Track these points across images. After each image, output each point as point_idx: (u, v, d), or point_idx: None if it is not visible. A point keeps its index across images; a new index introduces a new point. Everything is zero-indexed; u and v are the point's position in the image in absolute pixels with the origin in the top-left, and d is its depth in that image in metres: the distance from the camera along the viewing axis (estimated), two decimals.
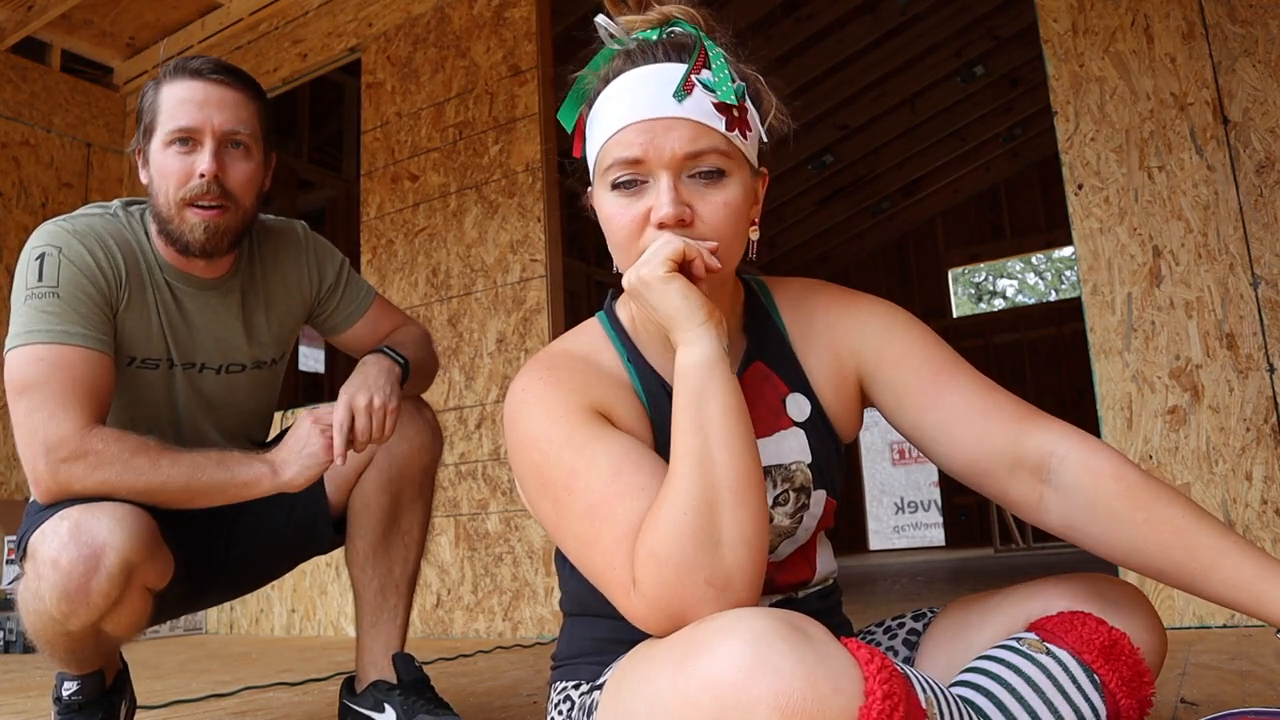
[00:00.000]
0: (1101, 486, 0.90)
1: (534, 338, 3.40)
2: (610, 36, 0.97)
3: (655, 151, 0.89)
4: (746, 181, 0.93)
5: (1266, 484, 2.27)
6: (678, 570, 0.78)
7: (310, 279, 1.61)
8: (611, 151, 0.91)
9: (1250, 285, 2.35)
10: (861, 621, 1.20)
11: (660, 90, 0.90)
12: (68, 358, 1.29)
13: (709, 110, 0.89)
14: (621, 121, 0.91)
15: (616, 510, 0.84)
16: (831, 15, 6.08)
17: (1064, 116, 2.63)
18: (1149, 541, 0.88)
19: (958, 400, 0.97)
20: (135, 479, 1.27)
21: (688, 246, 0.87)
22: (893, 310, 1.06)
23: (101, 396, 1.32)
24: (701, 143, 0.89)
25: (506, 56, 3.64)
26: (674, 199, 0.88)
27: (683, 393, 0.85)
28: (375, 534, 1.56)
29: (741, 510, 0.80)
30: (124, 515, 1.23)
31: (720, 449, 0.82)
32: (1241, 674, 1.64)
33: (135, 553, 1.22)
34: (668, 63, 0.92)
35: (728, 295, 1.01)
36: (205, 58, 1.42)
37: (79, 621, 1.23)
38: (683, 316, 0.87)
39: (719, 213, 0.90)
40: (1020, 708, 0.86)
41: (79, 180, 4.45)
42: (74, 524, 1.21)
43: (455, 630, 3.42)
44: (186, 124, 1.37)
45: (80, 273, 1.33)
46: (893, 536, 13.75)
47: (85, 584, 1.20)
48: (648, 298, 0.88)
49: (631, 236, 0.91)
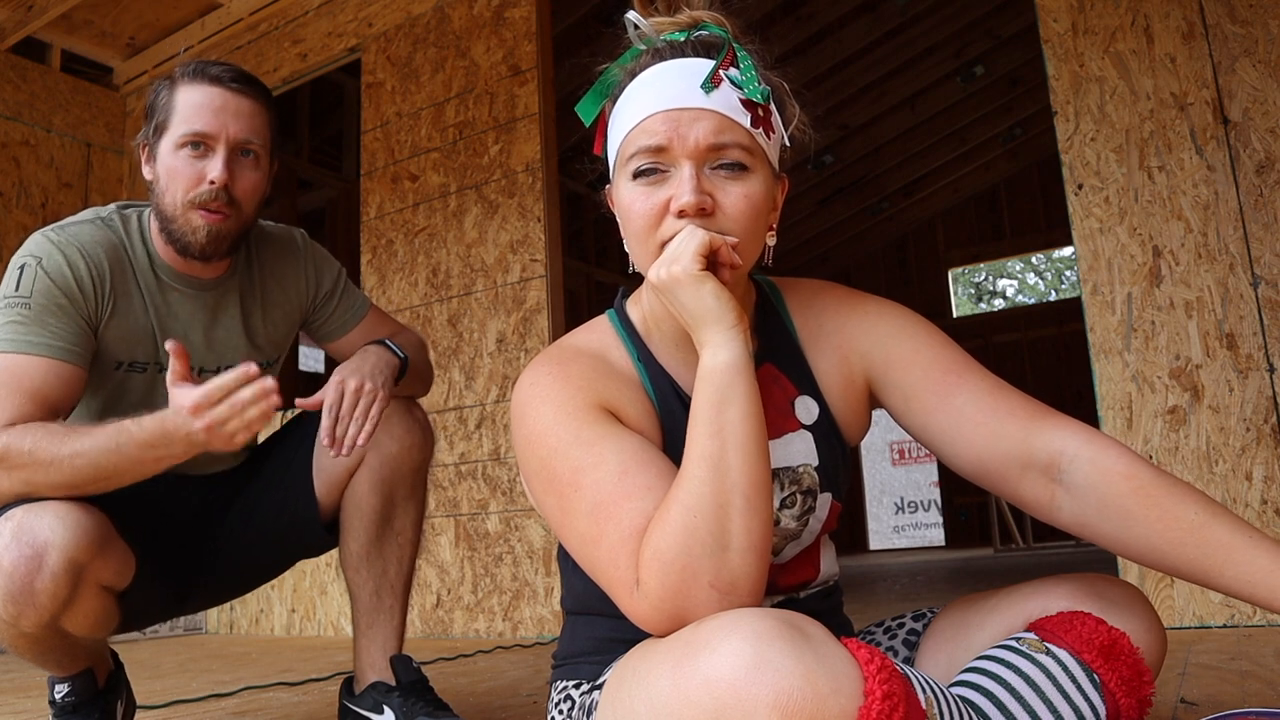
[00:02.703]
0: (1113, 485, 0.90)
1: (534, 338, 3.40)
2: (637, 33, 0.97)
3: (680, 140, 0.89)
4: (768, 181, 0.93)
5: (1266, 484, 2.27)
6: (683, 573, 0.78)
7: (307, 285, 1.61)
8: (635, 140, 0.91)
9: (1250, 285, 2.35)
10: (861, 621, 1.20)
11: (688, 82, 0.90)
12: (21, 365, 1.28)
13: (735, 105, 0.89)
14: (647, 111, 0.91)
15: (623, 509, 0.83)
16: (831, 15, 6.08)
17: (1064, 116, 2.63)
18: (1163, 539, 0.87)
19: (967, 401, 0.97)
20: (47, 474, 1.21)
21: (714, 237, 0.87)
22: (902, 312, 1.06)
23: (50, 403, 1.29)
24: (726, 135, 0.89)
25: (506, 56, 3.64)
26: (695, 187, 0.88)
27: (704, 394, 0.85)
28: (368, 535, 1.55)
29: (752, 517, 0.80)
30: (68, 512, 1.21)
31: (736, 454, 0.82)
32: (1241, 674, 1.64)
33: (81, 551, 1.20)
34: (696, 58, 0.92)
35: (740, 296, 1.01)
36: (223, 64, 1.42)
37: (30, 623, 1.21)
38: (714, 318, 0.86)
39: (739, 204, 0.89)
40: (1020, 707, 0.86)
41: (79, 180, 4.44)
42: (16, 524, 1.20)
43: (455, 630, 3.42)
44: (202, 129, 1.37)
45: (54, 285, 1.33)
46: (893, 536, 13.76)
47: (29, 584, 1.18)
48: (678, 295, 0.87)
49: (650, 226, 0.90)
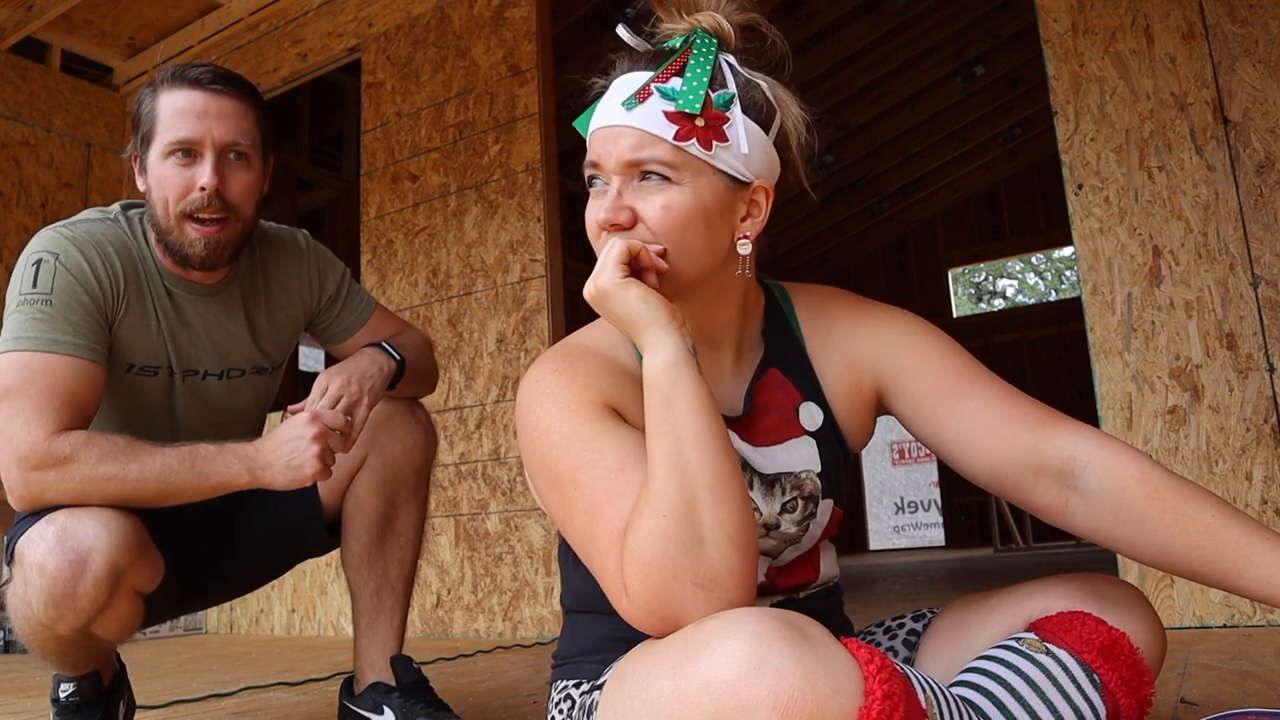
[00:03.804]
0: (1127, 490, 0.90)
1: (534, 338, 3.40)
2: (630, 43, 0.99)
3: (605, 158, 0.92)
4: (710, 191, 0.92)
5: (1266, 484, 2.27)
6: (662, 574, 0.78)
7: (311, 288, 1.60)
8: (586, 156, 0.95)
9: (1250, 285, 2.35)
10: (861, 622, 1.20)
11: (619, 99, 0.93)
12: (52, 365, 1.27)
13: (659, 120, 0.90)
14: (590, 128, 0.95)
15: (615, 508, 0.83)
16: (831, 15, 6.07)
17: (1064, 116, 2.63)
18: (1179, 542, 0.87)
19: (978, 408, 0.97)
20: (105, 487, 1.24)
21: (632, 244, 0.89)
22: (912, 320, 1.06)
23: (83, 405, 1.29)
24: (644, 151, 0.90)
25: (506, 56, 3.64)
26: (612, 203, 0.91)
27: (652, 395, 0.85)
28: (370, 536, 1.55)
29: (721, 509, 0.80)
30: (110, 519, 1.23)
31: (692, 449, 0.82)
32: (1241, 674, 1.64)
33: (122, 556, 1.22)
34: (639, 72, 0.93)
35: (735, 304, 1.01)
36: (203, 65, 1.40)
37: (67, 626, 1.22)
38: (646, 320, 0.87)
39: (657, 214, 0.90)
40: (1020, 707, 0.87)
41: (79, 180, 4.44)
42: (60, 528, 1.20)
43: (455, 630, 3.42)
44: (186, 136, 1.35)
45: (75, 281, 1.32)
46: (893, 536, 13.75)
47: (72, 588, 1.19)
48: (608, 306, 0.89)
49: (594, 237, 0.94)
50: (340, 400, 1.38)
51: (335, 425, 1.34)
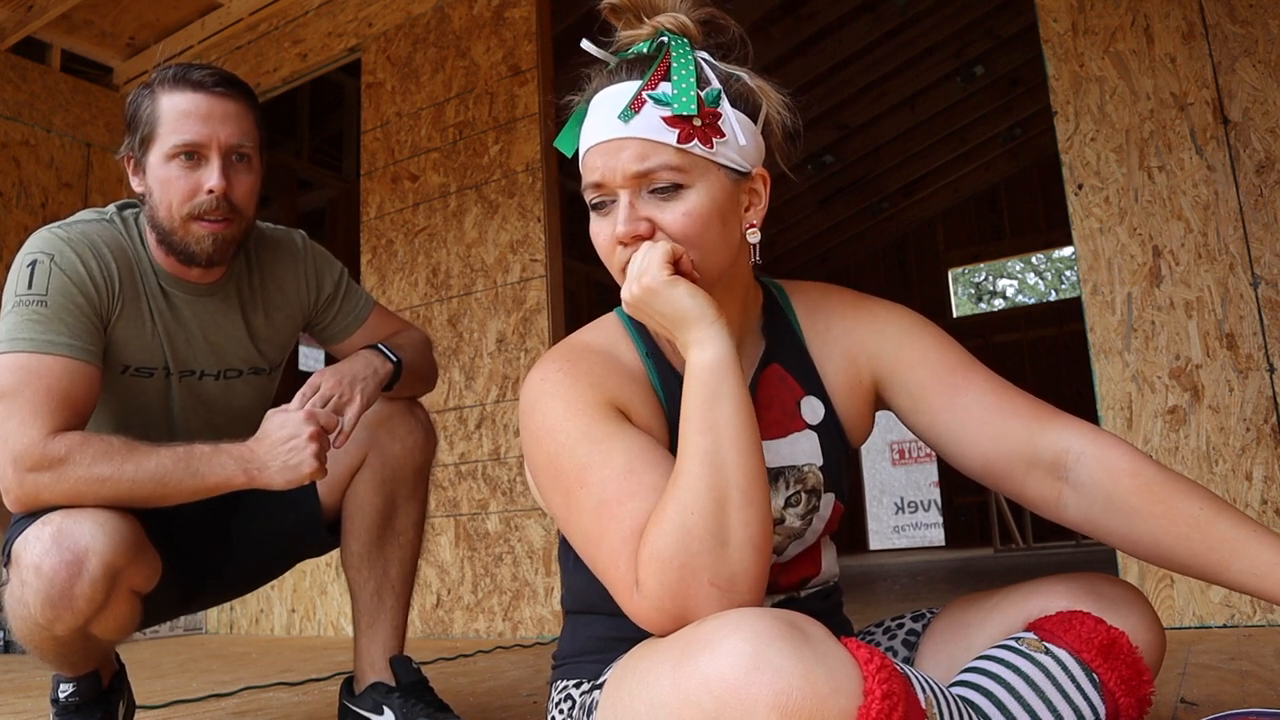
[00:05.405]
0: (1118, 482, 0.91)
1: (534, 338, 3.40)
2: (595, 58, 0.99)
3: (610, 174, 0.91)
4: (716, 188, 0.92)
5: (1266, 484, 2.27)
6: (681, 571, 0.78)
7: (308, 288, 1.60)
8: (584, 176, 0.95)
9: (1250, 285, 2.35)
10: (861, 622, 1.20)
11: (613, 111, 0.92)
12: (48, 366, 1.27)
13: (658, 126, 0.90)
14: (585, 146, 0.95)
15: (626, 508, 0.84)
16: (831, 15, 6.07)
17: (1064, 116, 2.63)
18: (1168, 535, 0.88)
19: (972, 401, 0.98)
20: (101, 488, 1.24)
21: (674, 247, 0.89)
22: (909, 315, 1.07)
23: (78, 406, 1.29)
24: (651, 160, 0.90)
25: (506, 56, 3.64)
26: (628, 216, 0.91)
27: (695, 391, 0.85)
28: (369, 535, 1.55)
29: (749, 510, 0.81)
30: (106, 519, 1.23)
31: (731, 449, 0.82)
32: (1241, 674, 1.64)
33: (119, 557, 1.22)
34: (626, 82, 0.93)
35: (739, 300, 1.01)
36: (203, 67, 1.39)
37: (64, 626, 1.22)
38: (695, 316, 0.87)
39: (679, 222, 0.91)
40: (1019, 707, 0.87)
41: (79, 180, 4.44)
42: (56, 529, 1.20)
43: (455, 630, 3.42)
44: (192, 139, 1.35)
45: (70, 282, 1.32)
46: (893, 536, 13.76)
47: (69, 589, 1.19)
48: (654, 304, 0.89)
49: (609, 255, 0.94)
50: (331, 400, 1.39)
51: (326, 425, 1.34)
